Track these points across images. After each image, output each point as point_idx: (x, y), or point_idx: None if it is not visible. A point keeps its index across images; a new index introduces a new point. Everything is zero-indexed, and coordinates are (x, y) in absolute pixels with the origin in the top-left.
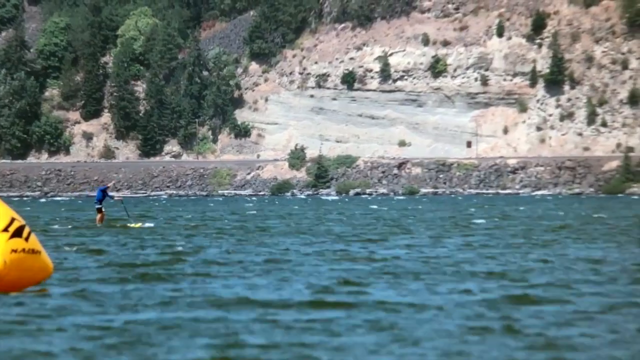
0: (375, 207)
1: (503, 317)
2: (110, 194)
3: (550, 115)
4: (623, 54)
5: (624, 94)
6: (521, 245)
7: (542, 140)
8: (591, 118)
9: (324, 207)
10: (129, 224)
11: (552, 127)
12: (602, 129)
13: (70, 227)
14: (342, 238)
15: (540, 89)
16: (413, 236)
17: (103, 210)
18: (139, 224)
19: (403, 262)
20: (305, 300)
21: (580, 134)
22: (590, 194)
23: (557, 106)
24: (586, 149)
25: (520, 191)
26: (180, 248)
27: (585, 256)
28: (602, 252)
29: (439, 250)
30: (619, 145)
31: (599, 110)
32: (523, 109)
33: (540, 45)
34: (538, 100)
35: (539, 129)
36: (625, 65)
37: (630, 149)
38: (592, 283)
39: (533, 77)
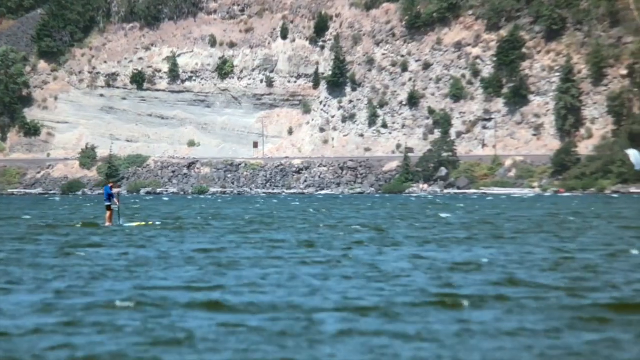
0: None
1: None
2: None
3: (333, 116)
4: (403, 56)
5: (403, 95)
6: None
7: (326, 141)
8: (372, 119)
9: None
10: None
11: (334, 129)
12: (383, 130)
13: None
14: None
15: (323, 91)
16: None
17: (112, 207)
18: (143, 223)
19: None
20: None
21: (361, 135)
22: (371, 194)
23: (340, 108)
24: (367, 149)
25: (305, 191)
26: None
27: None
28: None
29: None
30: (399, 146)
31: (379, 111)
32: (307, 110)
33: (322, 48)
34: (321, 102)
35: (322, 130)
36: (405, 68)
37: (409, 150)
38: None
39: (316, 79)
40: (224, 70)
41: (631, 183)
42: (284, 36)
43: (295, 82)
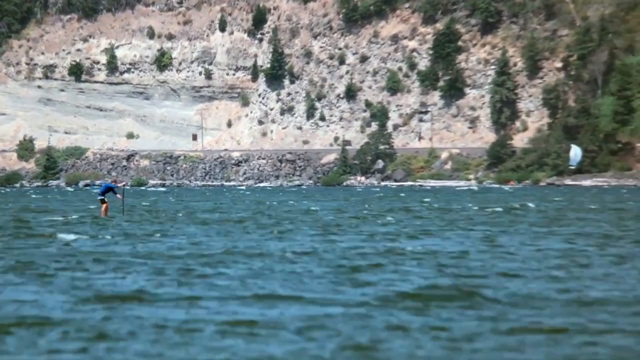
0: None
1: None
2: (117, 191)
3: (272, 109)
4: (340, 49)
5: (341, 88)
6: None
7: (264, 134)
8: (310, 112)
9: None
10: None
11: (273, 121)
12: (321, 123)
13: None
14: None
15: (261, 84)
16: None
17: (106, 201)
18: None
19: None
20: None
21: (300, 128)
22: (310, 186)
23: (278, 100)
24: (306, 142)
25: (244, 183)
26: None
27: None
28: None
29: None
30: (336, 138)
31: (317, 104)
32: (245, 102)
33: (261, 40)
34: (260, 95)
35: (260, 122)
36: (342, 60)
37: (347, 142)
38: None
39: (254, 72)
40: (162, 62)
41: (566, 175)
42: (222, 28)
43: (234, 74)
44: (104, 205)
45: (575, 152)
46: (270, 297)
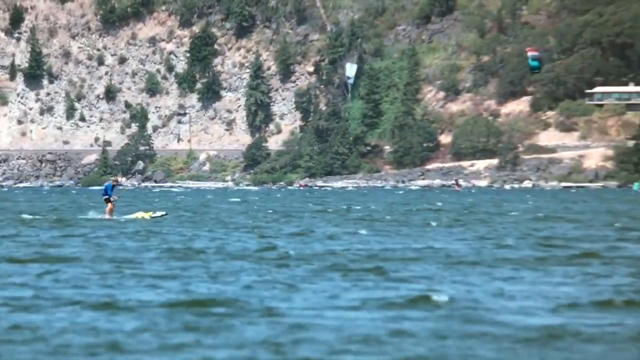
0: None
1: None
2: (111, 191)
3: (31, 109)
4: (99, 50)
5: (100, 89)
6: None
7: (24, 134)
8: (70, 112)
9: None
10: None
11: (32, 121)
12: (81, 124)
13: None
14: None
15: (20, 83)
16: None
17: (112, 200)
18: (149, 213)
19: None
20: None
21: (60, 128)
22: (70, 187)
23: (37, 100)
24: (66, 142)
25: (4, 184)
26: None
27: None
28: None
29: None
30: (97, 139)
31: (77, 105)
32: (4, 102)
33: (18, 39)
34: (18, 94)
35: (20, 122)
36: (101, 61)
37: (107, 143)
38: None
39: (12, 71)
40: None
41: (318, 177)
42: None
43: None
44: (109, 206)
45: (351, 67)
46: None
